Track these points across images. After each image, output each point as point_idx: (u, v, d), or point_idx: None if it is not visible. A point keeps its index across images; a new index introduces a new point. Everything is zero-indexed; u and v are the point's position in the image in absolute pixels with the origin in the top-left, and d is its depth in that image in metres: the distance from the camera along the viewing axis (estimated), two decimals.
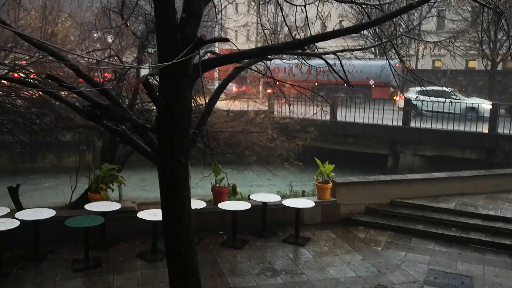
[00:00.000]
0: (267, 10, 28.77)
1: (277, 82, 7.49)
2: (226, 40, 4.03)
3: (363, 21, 8.91)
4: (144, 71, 4.21)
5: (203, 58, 5.25)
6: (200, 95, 8.55)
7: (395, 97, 25.29)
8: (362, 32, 26.41)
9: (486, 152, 16.72)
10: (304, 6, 5.41)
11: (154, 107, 6.31)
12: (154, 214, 7.39)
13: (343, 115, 19.63)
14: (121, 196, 8.97)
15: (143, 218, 7.47)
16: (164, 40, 4.26)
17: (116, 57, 9.34)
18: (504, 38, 24.04)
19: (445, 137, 17.60)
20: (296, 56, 6.79)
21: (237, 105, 12.96)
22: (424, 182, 10.27)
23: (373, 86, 24.30)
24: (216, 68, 11.58)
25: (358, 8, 6.02)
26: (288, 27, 5.38)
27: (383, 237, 8.69)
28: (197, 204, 8.12)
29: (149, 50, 9.22)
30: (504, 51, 19.24)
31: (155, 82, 5.33)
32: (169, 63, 3.60)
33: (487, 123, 16.61)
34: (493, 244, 8.18)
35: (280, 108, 17.47)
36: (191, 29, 4.23)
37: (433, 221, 9.05)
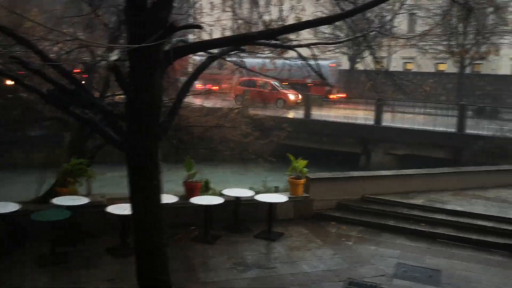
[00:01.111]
0: (242, 6, 28.71)
1: (252, 77, 7.45)
2: (198, 27, 4.00)
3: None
4: (114, 58, 4.08)
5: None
6: (173, 88, 8.43)
7: (333, 95, 26.37)
8: (338, 28, 26.74)
9: (454, 151, 17.14)
10: None
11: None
12: (124, 209, 7.22)
13: (317, 113, 19.78)
14: (90, 190, 8.76)
15: (112, 212, 7.31)
16: (134, 26, 4.17)
17: (86, 48, 9.10)
18: (471, 36, 24.69)
19: (416, 136, 17.96)
20: (269, 52, 6.79)
21: (210, 102, 12.90)
22: (394, 178, 10.42)
23: (311, 84, 25.48)
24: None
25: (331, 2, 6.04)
26: (261, 18, 5.35)
27: (354, 232, 8.76)
28: (169, 198, 8.00)
29: (121, 41, 9.03)
30: (474, 49, 19.76)
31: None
32: (138, 45, 3.51)
33: None
34: (459, 238, 8.35)
35: (254, 104, 17.48)
36: (163, 15, 4.15)
37: (402, 216, 9.17)
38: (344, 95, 28.22)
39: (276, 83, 27.26)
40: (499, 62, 35.63)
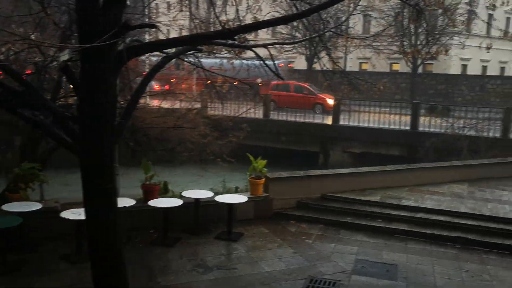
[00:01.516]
0: (199, 6, 28.56)
1: (209, 77, 7.41)
2: (153, 26, 3.92)
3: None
4: (65, 58, 3.94)
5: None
6: (128, 88, 8.26)
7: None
8: (295, 28, 27.01)
9: (408, 148, 17.68)
10: None
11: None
12: (78, 213, 6.99)
13: (275, 113, 19.92)
14: (43, 195, 8.45)
15: (67, 217, 7.07)
16: (85, 23, 4.03)
17: (36, 49, 8.78)
18: (423, 36, 25.58)
19: (372, 135, 18.41)
20: (226, 52, 6.76)
21: (168, 103, 12.73)
22: (352, 176, 10.60)
23: (260, 84, 25.58)
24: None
25: (287, 1, 6.08)
26: (218, 18, 5.31)
27: (314, 230, 8.85)
28: (126, 202, 7.82)
29: (73, 41, 8.77)
30: (425, 49, 20.43)
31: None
32: (90, 45, 3.40)
33: None
34: (415, 233, 8.59)
35: (213, 105, 17.40)
36: (115, 13, 4.04)
37: (360, 213, 9.35)
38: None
39: (313, 87, 25.84)
40: (449, 62, 37.09)
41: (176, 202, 8.15)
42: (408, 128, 18.02)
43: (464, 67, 39.93)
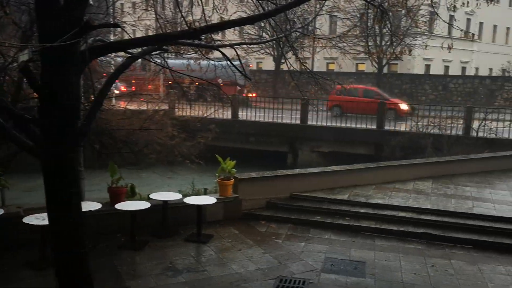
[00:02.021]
0: (166, 6, 28.29)
1: (175, 79, 7.33)
2: (116, 25, 3.83)
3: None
4: (24, 58, 3.81)
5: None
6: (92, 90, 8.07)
7: (243, 94, 26.50)
8: (262, 29, 27.07)
9: (375, 147, 18.00)
10: None
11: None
12: (42, 218, 6.80)
13: (244, 114, 19.92)
14: (4, 200, 8.17)
15: (30, 223, 6.86)
16: (46, 23, 3.91)
17: None
18: (387, 37, 26.13)
19: (339, 134, 18.66)
20: (193, 52, 6.71)
21: (134, 105, 12.53)
22: (321, 175, 10.68)
23: (222, 84, 25.51)
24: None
25: (254, 2, 6.08)
26: (184, 18, 5.25)
27: (283, 230, 8.88)
28: (91, 205, 7.66)
29: (34, 41, 8.52)
30: (389, 50, 20.80)
31: None
32: (51, 45, 3.29)
33: None
34: (382, 230, 8.74)
35: (181, 106, 17.26)
36: (77, 13, 3.94)
37: (329, 212, 9.44)
38: (254, 94, 28.35)
39: (383, 91, 24.36)
40: (413, 62, 38.01)
41: (144, 205, 8.02)
42: (374, 127, 18.35)
43: (428, 67, 41.03)
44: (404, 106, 22.92)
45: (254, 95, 28.36)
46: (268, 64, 42.50)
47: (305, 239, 8.42)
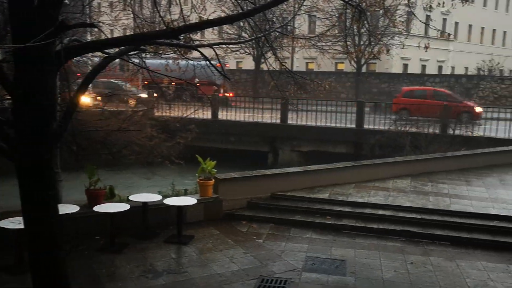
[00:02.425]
0: (144, 6, 28.08)
1: (154, 79, 7.25)
2: (92, 25, 3.76)
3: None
4: None
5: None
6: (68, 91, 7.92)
7: (220, 94, 26.38)
8: (241, 28, 27.05)
9: (354, 146, 18.15)
10: None
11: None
12: (18, 222, 6.66)
13: (224, 114, 19.87)
14: None
15: (5, 227, 6.71)
16: (20, 23, 3.82)
17: None
18: (366, 37, 26.46)
19: (319, 133, 18.77)
20: (171, 52, 6.65)
21: (113, 105, 12.36)
22: (301, 174, 10.72)
23: (198, 84, 25.35)
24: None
25: (232, 1, 6.05)
26: (162, 18, 5.20)
27: (264, 229, 8.88)
28: (69, 208, 7.54)
29: (8, 42, 8.32)
30: (368, 50, 21.08)
31: None
32: (24, 45, 3.21)
33: None
34: (362, 228, 8.81)
35: (160, 106, 17.12)
36: (52, 12, 3.85)
37: (310, 211, 9.48)
38: (231, 94, 28.31)
39: (455, 93, 23.14)
40: (391, 61, 38.50)
41: (123, 206, 7.92)
42: (354, 126, 18.50)
43: (405, 66, 41.61)
44: (479, 109, 21.37)
45: (231, 94, 28.32)
46: (248, 63, 42.52)
47: (286, 239, 8.43)
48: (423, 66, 43.59)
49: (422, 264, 7.45)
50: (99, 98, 12.14)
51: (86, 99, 20.09)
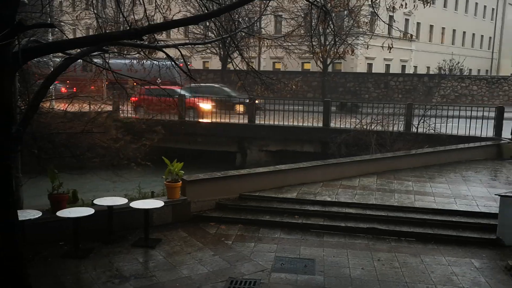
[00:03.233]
0: (108, 5, 27.54)
1: (117, 79, 7.09)
2: (51, 26, 3.64)
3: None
4: None
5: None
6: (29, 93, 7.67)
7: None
8: (208, 28, 26.89)
9: (321, 145, 18.33)
10: None
11: None
12: None
13: (191, 114, 19.72)
14: None
15: None
16: None
17: None
18: (331, 37, 26.84)
19: (286, 133, 18.86)
20: (135, 53, 6.52)
21: (76, 106, 12.07)
22: (269, 174, 10.73)
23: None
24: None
25: (197, 3, 5.99)
26: (125, 17, 5.09)
27: (233, 231, 8.84)
28: (30, 214, 7.30)
29: None
30: (333, 50, 21.31)
31: None
32: None
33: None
34: (330, 227, 8.89)
35: (125, 108, 16.81)
36: (8, 12, 3.70)
37: (278, 211, 9.50)
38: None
39: None
40: (356, 61, 39.13)
41: (87, 211, 7.72)
42: (320, 125, 18.69)
43: (370, 65, 42.37)
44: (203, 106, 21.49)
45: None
46: (215, 63, 42.36)
47: (255, 239, 8.42)
48: (387, 66, 44.50)
49: (389, 260, 7.58)
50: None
51: (206, 106, 19.95)
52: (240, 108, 21.26)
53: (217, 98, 21.59)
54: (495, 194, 9.28)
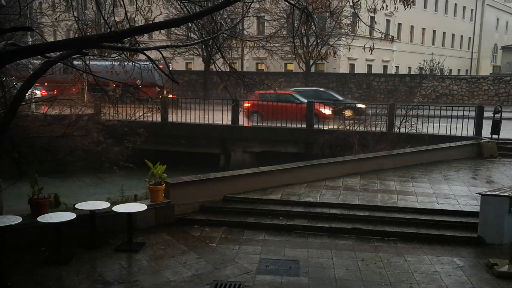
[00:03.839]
0: (89, 7, 27.25)
1: (98, 82, 7.00)
2: (29, 29, 3.56)
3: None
4: None
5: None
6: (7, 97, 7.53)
7: (161, 96, 25.90)
8: (190, 30, 26.74)
9: (305, 146, 18.38)
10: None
11: None
12: None
13: (174, 116, 19.59)
14: None
15: None
16: None
17: None
18: (313, 38, 26.95)
19: (270, 134, 18.88)
20: (116, 55, 6.45)
21: (57, 109, 11.88)
22: (253, 176, 10.71)
23: (140, 86, 24.90)
24: None
25: (179, 5, 5.95)
26: (105, 20, 5.02)
27: (217, 233, 8.80)
28: (10, 219, 7.14)
29: None
30: (315, 51, 21.42)
31: None
32: None
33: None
34: (314, 228, 8.92)
35: (107, 110, 16.61)
36: None
37: (262, 212, 9.49)
38: (173, 96, 27.79)
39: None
40: (339, 61, 39.39)
41: (69, 216, 7.61)
42: (304, 126, 18.74)
43: (352, 66, 42.69)
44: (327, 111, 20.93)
45: (173, 96, 27.80)
46: (198, 64, 42.19)
47: (239, 242, 8.39)
48: (369, 66, 44.88)
49: (373, 260, 7.63)
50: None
51: (327, 111, 19.25)
52: (348, 112, 20.53)
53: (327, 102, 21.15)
54: (476, 193, 9.42)
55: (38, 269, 7.09)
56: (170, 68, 33.13)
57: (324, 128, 17.96)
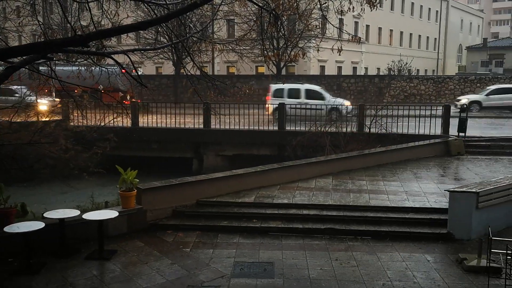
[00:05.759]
0: (53, 12, 26.71)
1: (64, 87, 6.84)
2: None
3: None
4: None
5: None
6: None
7: (125, 101, 25.63)
8: (160, 33, 26.50)
9: (277, 148, 18.44)
10: (87, 2, 5.02)
11: None
12: None
13: (144, 120, 19.36)
14: None
15: None
16: None
17: None
18: (283, 41, 27.12)
19: (242, 137, 18.87)
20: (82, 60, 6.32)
21: (22, 116, 11.56)
22: (226, 179, 10.67)
23: (102, 91, 24.64)
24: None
25: (147, 8, 5.88)
26: (70, 23, 4.91)
27: (191, 238, 8.72)
28: None
29: None
30: (286, 53, 21.53)
31: None
32: None
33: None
34: (288, 229, 8.94)
35: (75, 116, 16.26)
36: None
37: (236, 215, 9.46)
38: (139, 100, 27.47)
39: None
40: (309, 63, 39.74)
41: (37, 225, 7.40)
42: (276, 128, 18.81)
43: (323, 68, 43.11)
44: None
45: (138, 101, 27.44)
46: (168, 68, 41.86)
47: (213, 245, 8.34)
48: (339, 68, 45.43)
49: (346, 260, 7.70)
50: None
51: None
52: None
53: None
54: (445, 190, 9.62)
55: (7, 281, 6.89)
56: (139, 73, 32.66)
57: (296, 129, 18.04)
